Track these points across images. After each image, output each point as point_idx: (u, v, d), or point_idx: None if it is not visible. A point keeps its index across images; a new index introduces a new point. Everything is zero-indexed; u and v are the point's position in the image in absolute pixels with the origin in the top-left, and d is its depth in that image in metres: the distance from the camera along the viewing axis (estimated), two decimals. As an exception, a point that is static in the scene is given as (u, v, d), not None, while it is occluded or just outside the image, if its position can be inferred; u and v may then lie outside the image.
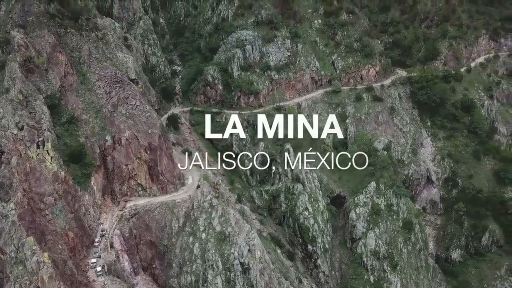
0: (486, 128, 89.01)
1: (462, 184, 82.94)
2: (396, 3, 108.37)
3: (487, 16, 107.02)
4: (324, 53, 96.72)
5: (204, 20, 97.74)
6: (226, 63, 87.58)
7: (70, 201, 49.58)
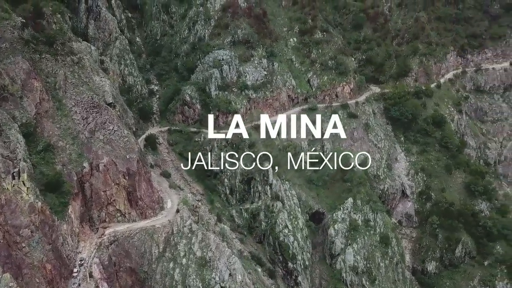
0: (456, 142, 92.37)
1: (435, 197, 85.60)
2: (368, 21, 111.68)
3: (454, 34, 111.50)
4: (300, 71, 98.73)
5: (181, 39, 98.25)
6: (203, 82, 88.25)
7: (47, 232, 48.83)
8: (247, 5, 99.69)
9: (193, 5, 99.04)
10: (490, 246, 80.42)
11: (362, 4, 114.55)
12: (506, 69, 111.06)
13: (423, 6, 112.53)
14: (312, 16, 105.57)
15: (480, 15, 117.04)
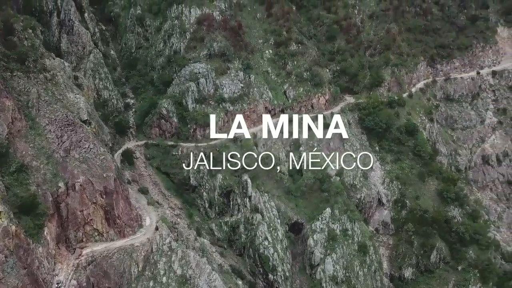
0: (429, 150, 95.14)
1: (410, 205, 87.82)
2: (342, 33, 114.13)
3: (424, 44, 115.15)
4: (276, 83, 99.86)
5: (156, 52, 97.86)
6: (180, 96, 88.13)
7: (22, 255, 47.47)
8: (222, 18, 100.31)
9: (168, 18, 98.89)
10: (463, 251, 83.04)
11: (335, 16, 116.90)
12: (473, 78, 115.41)
13: (394, 18, 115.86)
14: (286, 28, 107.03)
15: (448, 26, 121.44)
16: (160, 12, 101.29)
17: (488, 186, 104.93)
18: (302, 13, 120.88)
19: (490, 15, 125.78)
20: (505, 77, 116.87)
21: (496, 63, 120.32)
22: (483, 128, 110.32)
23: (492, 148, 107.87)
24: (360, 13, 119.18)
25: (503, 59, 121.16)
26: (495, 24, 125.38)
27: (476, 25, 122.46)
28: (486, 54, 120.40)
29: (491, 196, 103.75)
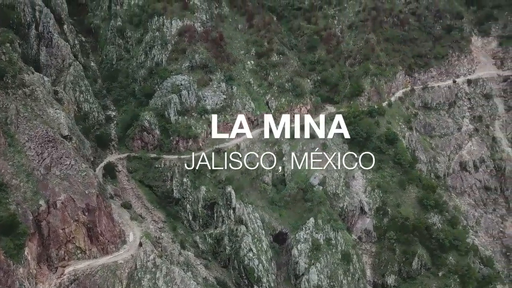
0: (408, 158, 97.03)
1: (391, 212, 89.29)
2: (322, 43, 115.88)
3: (402, 54, 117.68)
4: (259, 94, 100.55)
5: (138, 64, 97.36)
6: (162, 108, 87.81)
7: (2, 277, 46.63)
8: (203, 29, 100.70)
9: (149, 30, 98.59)
10: (443, 257, 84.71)
11: (315, 27, 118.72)
12: (450, 86, 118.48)
13: (372, 28, 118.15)
14: (268, 39, 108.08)
15: (425, 36, 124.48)
16: (141, 24, 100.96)
17: (466, 192, 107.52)
18: (283, 24, 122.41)
19: (464, 25, 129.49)
20: (480, 85, 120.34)
21: (471, 71, 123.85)
22: (460, 135, 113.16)
23: (469, 154, 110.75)
24: (339, 24, 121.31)
25: (477, 68, 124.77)
26: (469, 34, 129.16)
27: (451, 35, 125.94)
28: (462, 63, 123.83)
29: (469, 201, 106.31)
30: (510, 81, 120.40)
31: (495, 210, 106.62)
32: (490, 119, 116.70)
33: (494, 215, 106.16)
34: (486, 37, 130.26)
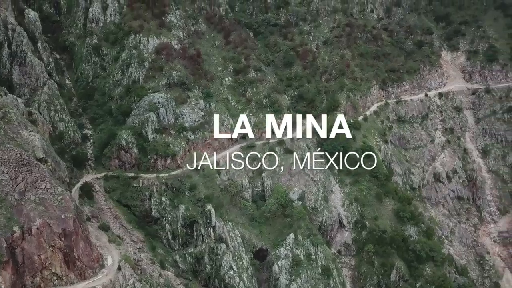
0: (384, 171, 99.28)
1: (369, 225, 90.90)
2: (298, 59, 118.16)
3: (376, 69, 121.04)
4: (237, 110, 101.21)
5: (114, 82, 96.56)
6: (140, 126, 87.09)
7: (-26, 310, 44.98)
8: (181, 47, 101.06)
9: (126, 48, 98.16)
10: (420, 269, 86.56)
11: (291, 43, 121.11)
12: (422, 100, 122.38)
13: (347, 44, 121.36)
14: (245, 56, 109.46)
15: (397, 51, 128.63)
16: (117, 42, 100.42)
17: (441, 203, 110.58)
18: (260, 40, 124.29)
19: (434, 40, 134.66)
20: (451, 98, 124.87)
21: (442, 85, 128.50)
22: (433, 147, 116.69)
23: (442, 166, 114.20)
24: (315, 40, 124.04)
25: (448, 81, 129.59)
26: (439, 49, 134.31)
27: (422, 50, 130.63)
28: (433, 77, 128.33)
29: (443, 212, 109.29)
30: (479, 94, 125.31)
31: (468, 219, 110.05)
32: (461, 131, 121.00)
33: (467, 225, 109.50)
34: (455, 52, 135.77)
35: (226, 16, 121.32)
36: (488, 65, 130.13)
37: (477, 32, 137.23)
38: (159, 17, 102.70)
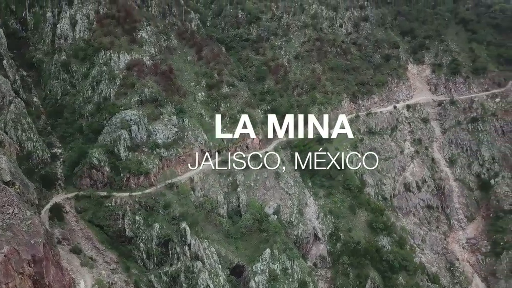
0: (357, 183, 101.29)
1: (344, 237, 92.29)
2: (270, 74, 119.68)
3: (346, 82, 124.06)
4: (211, 125, 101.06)
5: (85, 99, 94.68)
6: (112, 144, 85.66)
7: None
8: (152, 63, 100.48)
9: (96, 64, 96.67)
10: (394, 278, 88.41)
11: (263, 58, 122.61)
12: (391, 112, 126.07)
13: (317, 58, 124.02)
14: (218, 71, 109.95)
15: (366, 65, 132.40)
16: (87, 58, 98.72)
17: (411, 212, 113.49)
18: (232, 55, 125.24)
19: (400, 54, 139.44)
20: (418, 110, 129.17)
21: (409, 97, 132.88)
22: (403, 158, 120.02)
23: (412, 176, 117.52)
24: (286, 54, 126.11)
25: (415, 93, 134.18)
26: (405, 62, 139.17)
27: (390, 63, 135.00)
28: (400, 90, 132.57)
29: (414, 221, 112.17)
30: (444, 106, 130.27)
31: (438, 227, 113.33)
32: (429, 141, 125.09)
33: (437, 232, 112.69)
34: (421, 65, 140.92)
35: (197, 31, 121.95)
36: (452, 77, 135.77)
37: (440, 46, 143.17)
38: (130, 33, 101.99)
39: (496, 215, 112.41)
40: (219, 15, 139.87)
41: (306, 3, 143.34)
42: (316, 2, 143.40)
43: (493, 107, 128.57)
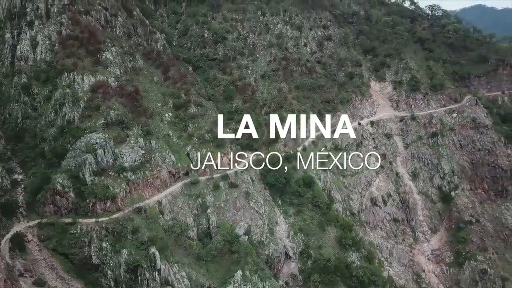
0: (325, 199, 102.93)
1: (314, 255, 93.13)
2: (238, 93, 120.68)
3: (312, 100, 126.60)
4: (179, 146, 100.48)
5: (47, 123, 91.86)
6: (76, 169, 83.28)
7: None
8: (118, 84, 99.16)
9: (59, 87, 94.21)
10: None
11: (230, 77, 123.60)
12: (356, 128, 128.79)
13: (284, 77, 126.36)
14: (185, 91, 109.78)
15: (330, 83, 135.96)
16: (49, 80, 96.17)
17: (378, 226, 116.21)
18: (199, 74, 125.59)
19: (363, 71, 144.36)
20: (381, 125, 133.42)
21: (373, 113, 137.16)
22: (369, 173, 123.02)
23: (378, 190, 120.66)
24: (253, 74, 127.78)
25: (378, 110, 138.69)
26: (368, 80, 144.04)
27: (353, 81, 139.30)
28: (364, 106, 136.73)
29: (381, 234, 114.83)
30: (405, 121, 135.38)
31: (404, 240, 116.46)
32: (392, 156, 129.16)
33: (403, 245, 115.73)
34: (383, 82, 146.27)
35: (164, 51, 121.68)
36: (412, 94, 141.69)
37: (400, 64, 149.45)
38: (94, 55, 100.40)
39: (458, 226, 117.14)
40: (185, 34, 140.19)
41: (271, 23, 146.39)
42: (281, 22, 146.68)
43: (451, 122, 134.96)
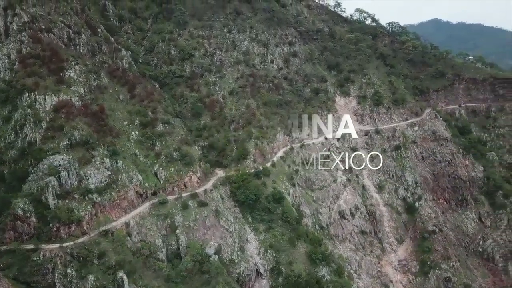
0: (294, 215, 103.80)
1: (285, 271, 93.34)
2: (206, 110, 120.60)
3: (280, 116, 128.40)
4: (146, 165, 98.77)
5: (6, 144, 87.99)
6: (38, 192, 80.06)
7: None
8: (82, 103, 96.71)
9: (19, 107, 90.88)
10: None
11: (198, 94, 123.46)
12: (323, 143, 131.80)
13: (251, 94, 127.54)
14: (152, 108, 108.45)
15: (297, 99, 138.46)
16: (8, 100, 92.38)
17: (347, 238, 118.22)
18: (166, 92, 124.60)
19: (328, 87, 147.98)
20: (347, 139, 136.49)
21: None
22: (336, 186, 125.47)
23: (346, 203, 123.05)
24: (221, 90, 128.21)
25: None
26: (333, 95, 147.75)
27: (319, 96, 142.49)
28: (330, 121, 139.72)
29: (350, 247, 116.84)
30: (370, 135, 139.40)
31: (372, 251, 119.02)
32: (359, 169, 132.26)
33: (371, 256, 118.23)
34: (347, 97, 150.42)
35: (129, 69, 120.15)
36: (376, 108, 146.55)
37: (363, 79, 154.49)
38: (56, 73, 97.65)
39: (422, 236, 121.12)
40: (151, 51, 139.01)
41: (238, 40, 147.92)
42: (247, 39, 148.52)
43: (413, 135, 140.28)
